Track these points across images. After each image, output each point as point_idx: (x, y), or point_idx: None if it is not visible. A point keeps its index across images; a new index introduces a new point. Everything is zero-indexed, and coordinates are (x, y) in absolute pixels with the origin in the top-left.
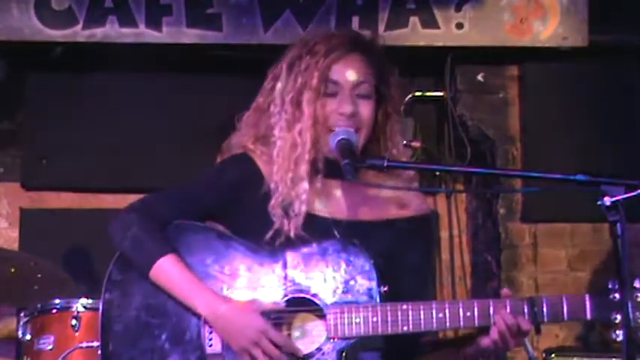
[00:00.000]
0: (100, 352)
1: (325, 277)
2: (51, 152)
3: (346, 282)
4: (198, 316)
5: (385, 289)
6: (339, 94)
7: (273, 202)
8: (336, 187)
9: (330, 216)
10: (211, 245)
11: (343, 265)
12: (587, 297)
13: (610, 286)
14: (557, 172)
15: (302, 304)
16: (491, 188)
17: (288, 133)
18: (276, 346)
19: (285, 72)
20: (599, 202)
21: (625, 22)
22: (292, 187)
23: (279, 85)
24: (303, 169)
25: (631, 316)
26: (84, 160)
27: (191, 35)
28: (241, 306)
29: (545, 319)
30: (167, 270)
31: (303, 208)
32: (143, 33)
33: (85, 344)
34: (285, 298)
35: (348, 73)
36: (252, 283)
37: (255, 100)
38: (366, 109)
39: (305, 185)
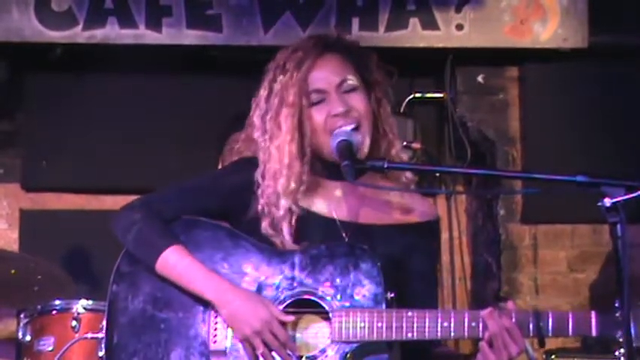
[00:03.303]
0: (104, 343)
1: (332, 280)
2: (51, 153)
3: (353, 286)
4: (204, 310)
5: (392, 295)
6: (327, 99)
7: (263, 224)
8: (340, 190)
9: (338, 218)
10: (220, 243)
11: (351, 269)
12: (593, 314)
13: (616, 305)
14: (557, 173)
15: (308, 306)
16: (492, 189)
17: (270, 150)
18: (277, 340)
19: (264, 97)
20: (599, 204)
21: (624, 23)
22: (277, 203)
23: (259, 111)
24: (282, 184)
25: (634, 333)
26: (84, 161)
27: (191, 36)
28: (249, 294)
29: (550, 334)
30: (173, 260)
31: (285, 226)
32: (143, 34)
33: (89, 335)
34: (292, 299)
35: (327, 76)
36: (259, 282)
37: (243, 132)
38: (357, 101)
39: (286, 201)
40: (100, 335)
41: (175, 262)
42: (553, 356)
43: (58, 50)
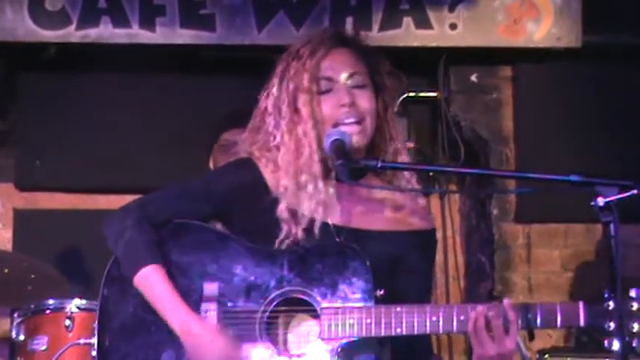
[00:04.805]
0: (95, 347)
1: (321, 278)
2: (45, 153)
3: (342, 284)
4: (193, 311)
5: (381, 292)
6: (334, 89)
7: (281, 206)
8: (334, 192)
9: (332, 222)
10: (210, 245)
11: (340, 268)
12: (581, 304)
13: (605, 295)
14: (550, 173)
15: (298, 305)
16: (485, 189)
17: (290, 139)
18: None
19: (277, 84)
20: (592, 203)
21: (618, 23)
22: (304, 190)
23: (272, 97)
24: (316, 168)
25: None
26: (78, 160)
27: (185, 36)
28: (212, 330)
29: (539, 325)
30: (150, 280)
31: (319, 209)
32: (137, 33)
33: (82, 340)
34: (281, 299)
35: (338, 67)
36: (249, 282)
37: (250, 123)
38: (364, 99)
39: (320, 185)
40: (93, 340)
41: (152, 283)
42: (546, 356)
43: (51, 50)
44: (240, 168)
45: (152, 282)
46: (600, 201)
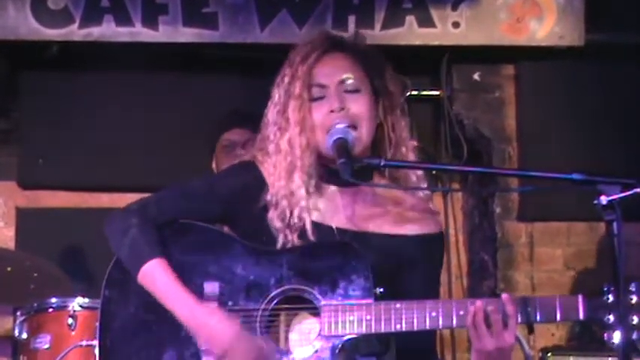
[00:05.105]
0: (97, 348)
1: (321, 277)
2: (47, 151)
3: (342, 282)
4: None
5: (381, 290)
6: (327, 95)
7: (270, 214)
8: (338, 195)
9: (335, 225)
10: (211, 245)
11: (340, 266)
12: (580, 298)
13: (605, 288)
14: (553, 171)
15: (298, 303)
16: (488, 187)
17: (281, 144)
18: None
19: (276, 92)
20: (595, 201)
21: (621, 21)
22: (290, 197)
23: (271, 104)
24: (298, 176)
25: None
26: (80, 159)
27: (187, 34)
28: (219, 314)
29: (538, 319)
30: (154, 274)
31: (305, 216)
32: (139, 32)
33: (84, 342)
34: (281, 297)
35: (330, 72)
36: (249, 282)
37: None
38: (356, 104)
39: (302, 192)
40: (94, 342)
41: (156, 277)
42: (549, 354)
43: (54, 48)
44: (244, 170)
45: (156, 276)
46: (603, 199)
